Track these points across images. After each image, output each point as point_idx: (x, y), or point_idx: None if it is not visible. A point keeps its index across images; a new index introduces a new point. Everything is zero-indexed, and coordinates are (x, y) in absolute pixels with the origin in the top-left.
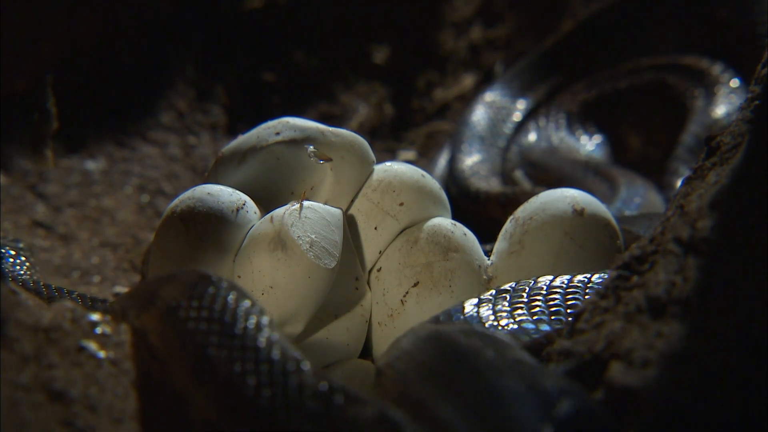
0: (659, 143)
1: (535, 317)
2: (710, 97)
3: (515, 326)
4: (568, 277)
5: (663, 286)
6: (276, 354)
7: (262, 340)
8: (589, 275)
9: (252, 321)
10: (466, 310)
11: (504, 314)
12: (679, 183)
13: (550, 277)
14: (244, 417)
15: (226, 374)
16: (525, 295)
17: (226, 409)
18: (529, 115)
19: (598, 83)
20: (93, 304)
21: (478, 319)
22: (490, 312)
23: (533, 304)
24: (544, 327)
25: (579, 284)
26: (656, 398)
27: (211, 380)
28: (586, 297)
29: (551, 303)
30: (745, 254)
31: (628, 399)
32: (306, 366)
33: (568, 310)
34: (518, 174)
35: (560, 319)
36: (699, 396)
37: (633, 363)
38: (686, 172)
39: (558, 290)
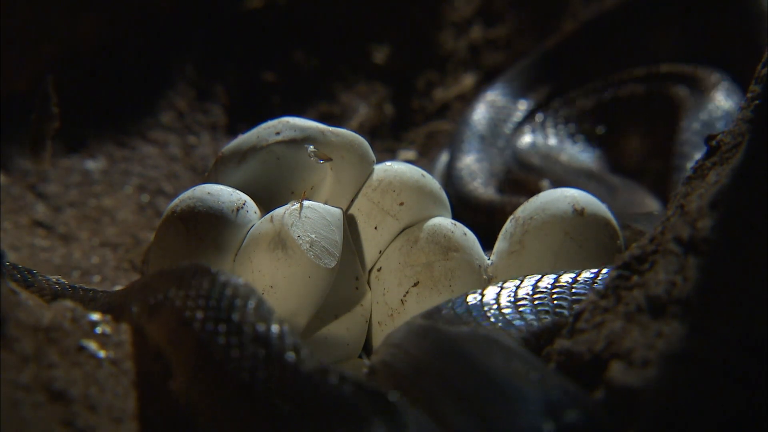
0: (658, 152)
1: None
2: (705, 100)
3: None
4: (554, 276)
5: (663, 286)
6: (228, 293)
7: (220, 280)
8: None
9: (215, 270)
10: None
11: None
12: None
13: (538, 276)
14: (188, 345)
15: (178, 307)
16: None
17: (173, 336)
18: (529, 117)
19: (597, 89)
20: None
21: (467, 309)
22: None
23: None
24: (531, 318)
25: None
26: (656, 398)
27: (163, 313)
28: (572, 291)
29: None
30: (745, 254)
31: (628, 399)
32: (251, 305)
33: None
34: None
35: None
36: (699, 396)
37: (633, 363)
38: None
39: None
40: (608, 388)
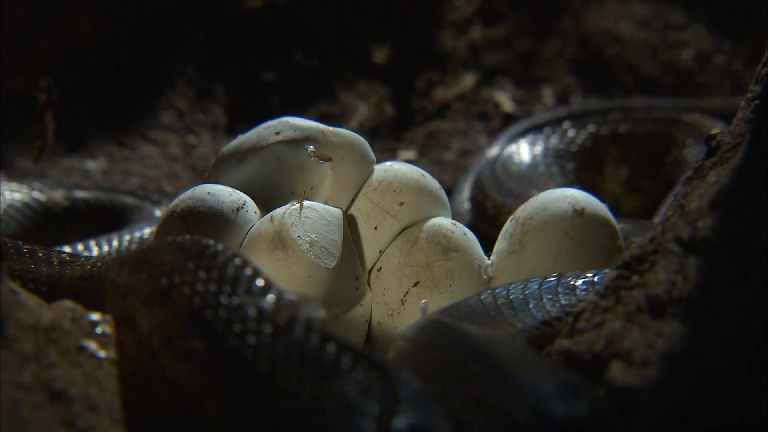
0: (640, 190)
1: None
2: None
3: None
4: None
5: (663, 286)
6: (224, 257)
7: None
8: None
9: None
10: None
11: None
12: None
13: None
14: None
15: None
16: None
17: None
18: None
19: (591, 123)
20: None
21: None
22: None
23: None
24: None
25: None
26: (656, 398)
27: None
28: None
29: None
30: (745, 254)
31: (628, 399)
32: (224, 251)
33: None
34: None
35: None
36: (699, 396)
37: (633, 363)
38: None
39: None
40: (608, 388)
